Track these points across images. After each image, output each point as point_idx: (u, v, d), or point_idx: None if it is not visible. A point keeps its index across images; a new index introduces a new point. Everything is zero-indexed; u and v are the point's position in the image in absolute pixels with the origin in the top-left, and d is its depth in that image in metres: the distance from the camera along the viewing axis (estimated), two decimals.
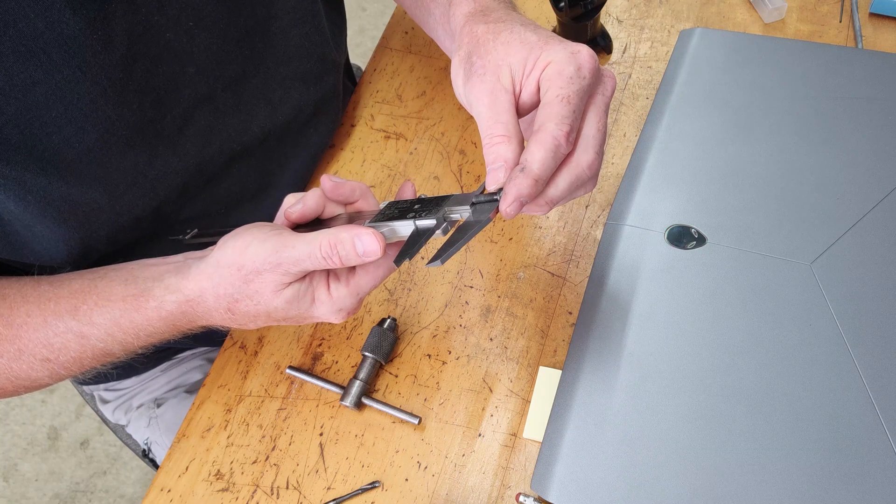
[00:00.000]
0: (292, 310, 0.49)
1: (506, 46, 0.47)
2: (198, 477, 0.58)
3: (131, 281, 0.52)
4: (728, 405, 0.51)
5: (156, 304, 0.51)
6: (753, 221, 0.58)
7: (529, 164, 0.43)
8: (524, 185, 0.42)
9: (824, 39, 0.73)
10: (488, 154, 0.45)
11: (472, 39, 0.50)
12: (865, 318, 0.53)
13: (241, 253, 0.47)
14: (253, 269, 0.47)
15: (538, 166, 0.43)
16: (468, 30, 0.51)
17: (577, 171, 0.45)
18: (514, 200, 0.43)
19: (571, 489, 0.50)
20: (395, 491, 0.56)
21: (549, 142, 0.43)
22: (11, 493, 1.52)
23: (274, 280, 0.47)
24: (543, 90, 0.45)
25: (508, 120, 0.45)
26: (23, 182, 0.52)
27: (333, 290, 0.49)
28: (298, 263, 0.46)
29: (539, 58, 0.46)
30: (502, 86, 0.46)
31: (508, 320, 0.62)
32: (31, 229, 0.57)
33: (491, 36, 0.48)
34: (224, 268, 0.48)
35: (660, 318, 0.55)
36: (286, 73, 0.67)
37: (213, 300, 0.49)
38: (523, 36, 0.47)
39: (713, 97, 0.65)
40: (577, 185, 0.45)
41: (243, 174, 0.69)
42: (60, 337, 0.53)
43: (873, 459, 0.48)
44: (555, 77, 0.44)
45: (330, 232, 0.45)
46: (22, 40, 0.48)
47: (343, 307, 0.49)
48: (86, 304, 0.53)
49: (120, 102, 0.54)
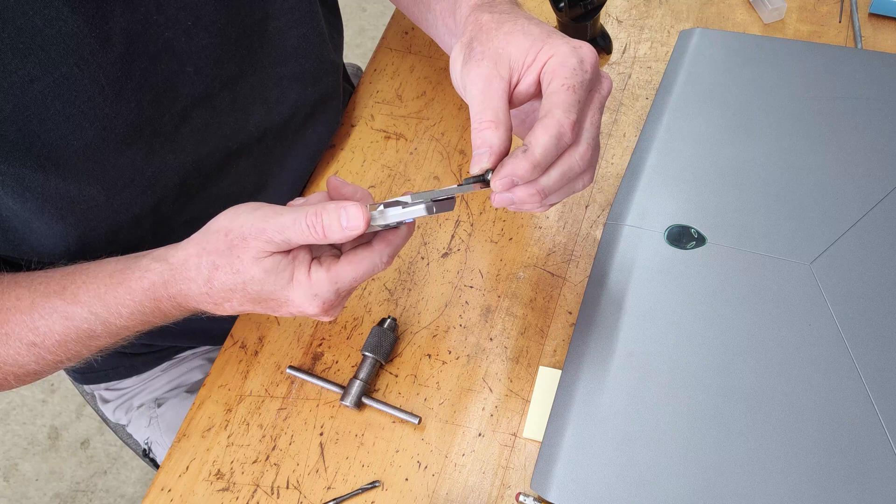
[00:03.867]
0: (268, 283, 0.48)
1: (508, 36, 0.47)
2: (198, 477, 0.58)
3: (123, 260, 0.53)
4: (727, 405, 0.51)
5: (139, 275, 0.51)
6: (753, 221, 0.58)
7: (532, 147, 0.43)
8: (521, 167, 0.43)
9: (824, 40, 0.73)
10: (475, 139, 0.46)
11: (476, 27, 0.50)
12: (865, 318, 0.53)
13: (230, 220, 0.48)
14: (239, 234, 0.47)
15: (540, 151, 0.43)
16: (473, 17, 0.51)
17: (569, 162, 0.45)
18: (506, 177, 0.43)
19: (571, 489, 0.50)
20: (395, 490, 0.56)
21: (554, 128, 0.43)
22: (12, 492, 1.52)
23: (257, 247, 0.46)
24: (546, 82, 0.45)
25: (499, 107, 0.46)
26: (21, 178, 0.53)
27: (313, 273, 0.48)
28: (283, 231, 0.46)
29: (541, 50, 0.46)
30: (498, 73, 0.46)
31: (508, 320, 0.62)
32: (29, 225, 0.57)
33: (495, 25, 0.49)
34: (213, 233, 0.48)
35: (659, 318, 0.55)
36: (283, 74, 0.68)
37: (195, 269, 0.49)
38: (527, 28, 0.47)
39: (713, 97, 0.65)
40: (568, 177, 0.46)
41: (241, 173, 0.69)
42: (46, 319, 0.52)
43: (873, 459, 0.48)
44: (559, 68, 0.45)
45: (318, 204, 0.46)
46: (20, 37, 0.48)
47: (319, 293, 0.48)
48: (74, 283, 0.53)
49: (118, 100, 0.54)
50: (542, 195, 0.46)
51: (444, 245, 0.66)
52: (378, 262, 0.49)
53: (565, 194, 0.48)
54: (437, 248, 0.66)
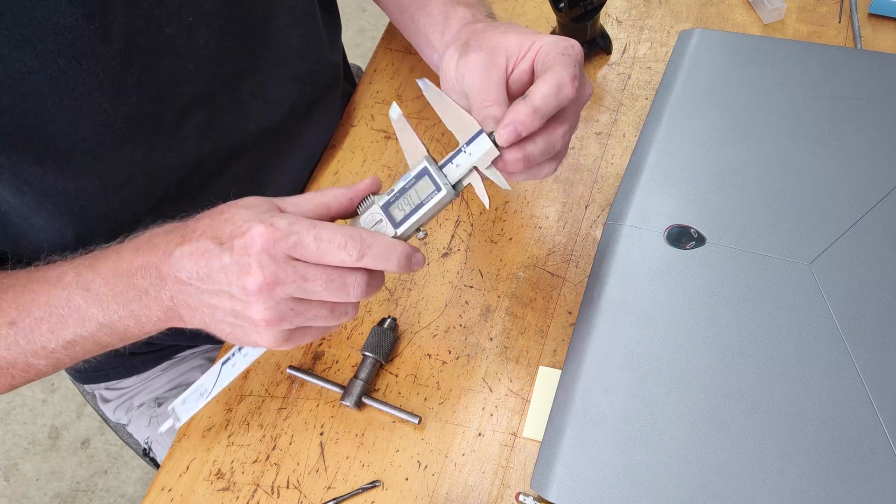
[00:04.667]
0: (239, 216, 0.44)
1: (503, 34, 0.50)
2: (198, 476, 0.59)
3: None
4: (727, 405, 0.51)
5: (118, 241, 0.50)
6: (753, 221, 0.58)
7: (532, 95, 0.45)
8: (522, 112, 0.44)
9: (823, 40, 0.74)
10: (478, 115, 0.47)
11: (471, 31, 0.53)
12: (864, 318, 0.53)
13: None
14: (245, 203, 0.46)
15: (540, 97, 0.45)
16: (468, 27, 0.54)
17: (552, 137, 0.47)
18: (509, 124, 0.44)
19: (571, 488, 0.50)
20: (395, 490, 0.56)
21: (554, 80, 0.45)
22: (12, 492, 1.52)
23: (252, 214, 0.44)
24: (540, 62, 0.48)
25: (499, 92, 0.48)
26: (18, 172, 0.53)
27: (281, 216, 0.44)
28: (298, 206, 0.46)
29: (534, 43, 0.49)
30: (495, 63, 0.49)
31: (508, 320, 0.62)
32: (28, 221, 0.57)
33: (490, 28, 0.52)
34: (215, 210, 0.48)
35: (659, 318, 0.55)
36: (283, 73, 0.68)
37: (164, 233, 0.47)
38: (519, 28, 0.50)
39: (712, 97, 0.65)
40: (548, 152, 0.48)
41: (240, 172, 0.69)
42: (29, 294, 0.51)
43: (872, 459, 0.48)
44: (550, 49, 0.48)
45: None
46: (18, 28, 0.48)
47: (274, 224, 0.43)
48: (67, 263, 0.52)
49: (117, 95, 0.54)
50: (526, 162, 0.47)
51: (444, 245, 0.66)
52: None
53: (531, 175, 0.50)
54: (437, 248, 0.66)
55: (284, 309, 0.44)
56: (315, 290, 0.44)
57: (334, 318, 0.46)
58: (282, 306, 0.44)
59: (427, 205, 0.47)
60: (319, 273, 0.43)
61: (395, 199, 0.48)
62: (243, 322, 0.45)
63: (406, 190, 0.47)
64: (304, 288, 0.44)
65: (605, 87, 0.74)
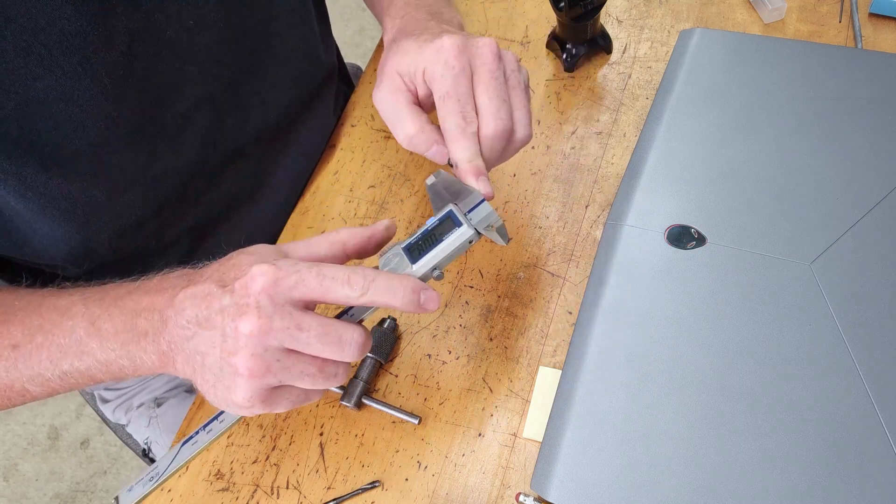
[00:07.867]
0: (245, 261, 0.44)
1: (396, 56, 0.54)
2: (198, 477, 0.58)
3: None
4: (728, 405, 0.51)
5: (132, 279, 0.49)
6: (753, 221, 0.58)
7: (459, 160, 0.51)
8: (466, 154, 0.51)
9: (824, 40, 0.73)
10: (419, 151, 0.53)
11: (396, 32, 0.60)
12: (865, 317, 0.53)
13: None
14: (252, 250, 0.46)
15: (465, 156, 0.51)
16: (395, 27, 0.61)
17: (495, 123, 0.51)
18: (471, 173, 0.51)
19: (571, 489, 0.50)
20: (395, 491, 0.56)
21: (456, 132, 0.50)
22: (12, 492, 1.52)
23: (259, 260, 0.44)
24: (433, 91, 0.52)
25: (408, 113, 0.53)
26: (23, 177, 0.53)
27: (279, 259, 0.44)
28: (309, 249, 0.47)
29: (417, 65, 0.52)
30: (396, 87, 0.54)
31: (508, 320, 0.62)
32: (31, 226, 0.57)
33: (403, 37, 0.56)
34: None
35: (659, 318, 0.55)
36: (282, 74, 0.68)
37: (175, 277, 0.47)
38: (405, 46, 0.54)
39: (713, 97, 0.65)
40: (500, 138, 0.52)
41: (239, 174, 0.69)
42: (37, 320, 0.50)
43: (873, 459, 0.48)
44: (431, 82, 0.52)
45: None
46: (23, 35, 0.48)
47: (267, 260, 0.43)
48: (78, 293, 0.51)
49: (120, 100, 0.54)
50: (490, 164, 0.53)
51: None
52: None
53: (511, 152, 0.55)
54: None
55: (271, 359, 0.42)
56: (308, 342, 0.42)
57: (322, 379, 0.44)
58: (269, 356, 0.42)
59: (446, 240, 0.47)
60: (316, 323, 0.42)
61: (416, 240, 0.48)
62: (227, 372, 0.43)
63: (428, 230, 0.48)
64: (297, 338, 0.42)
65: (606, 87, 0.74)
